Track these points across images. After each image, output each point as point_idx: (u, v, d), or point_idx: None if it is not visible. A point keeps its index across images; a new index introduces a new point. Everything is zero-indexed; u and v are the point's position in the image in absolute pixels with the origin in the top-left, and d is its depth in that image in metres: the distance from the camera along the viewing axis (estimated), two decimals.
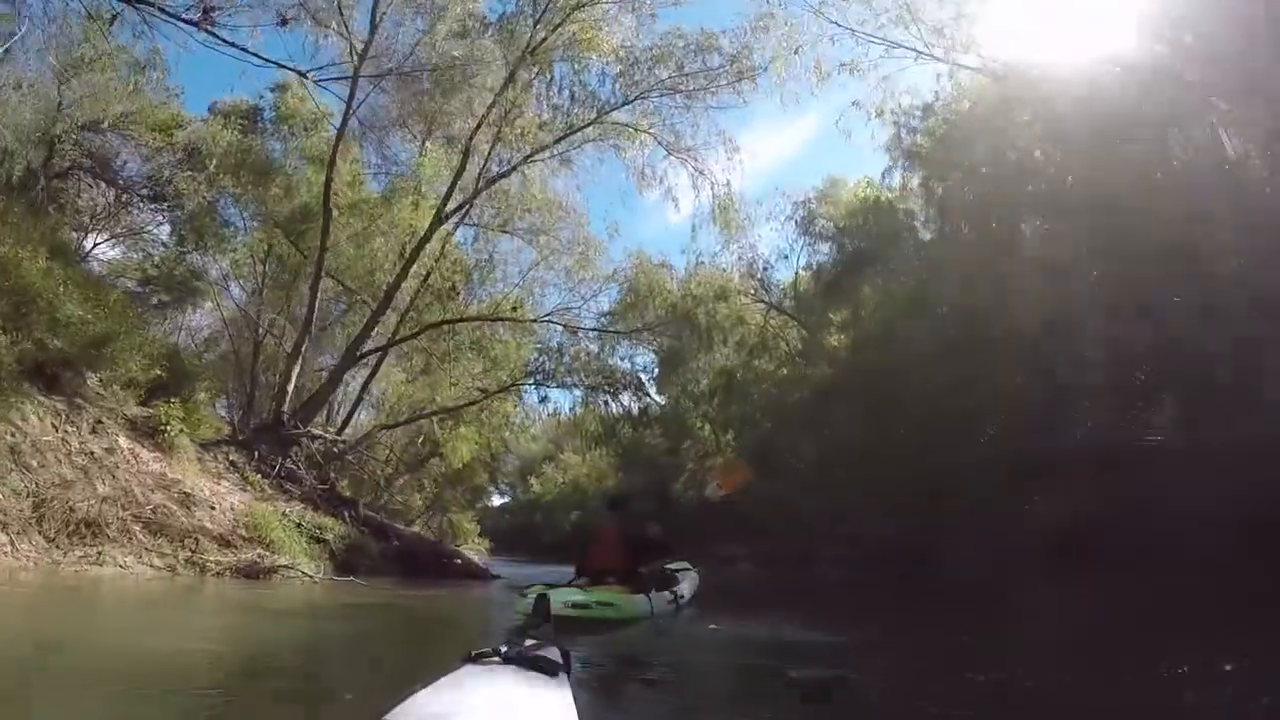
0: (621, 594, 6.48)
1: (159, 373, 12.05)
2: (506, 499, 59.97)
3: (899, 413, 14.90)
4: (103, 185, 18.01)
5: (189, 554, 9.25)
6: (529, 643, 2.15)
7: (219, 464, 12.79)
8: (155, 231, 19.75)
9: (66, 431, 9.51)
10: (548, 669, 1.95)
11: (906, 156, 17.95)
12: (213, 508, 10.37)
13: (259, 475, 12.90)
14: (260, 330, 18.03)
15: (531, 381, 18.02)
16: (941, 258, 16.50)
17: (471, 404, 18.17)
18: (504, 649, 1.99)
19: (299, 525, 11.34)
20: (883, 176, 19.36)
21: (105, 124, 15.54)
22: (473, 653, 1.98)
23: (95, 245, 19.28)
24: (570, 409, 19.68)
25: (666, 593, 7.23)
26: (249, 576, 9.24)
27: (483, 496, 30.13)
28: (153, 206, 19.03)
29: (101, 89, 14.60)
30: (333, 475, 15.29)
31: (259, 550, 10.03)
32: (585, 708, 1.87)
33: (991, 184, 14.77)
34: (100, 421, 10.11)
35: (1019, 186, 14.35)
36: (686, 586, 7.95)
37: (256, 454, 13.65)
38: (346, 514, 13.06)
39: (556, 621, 3.70)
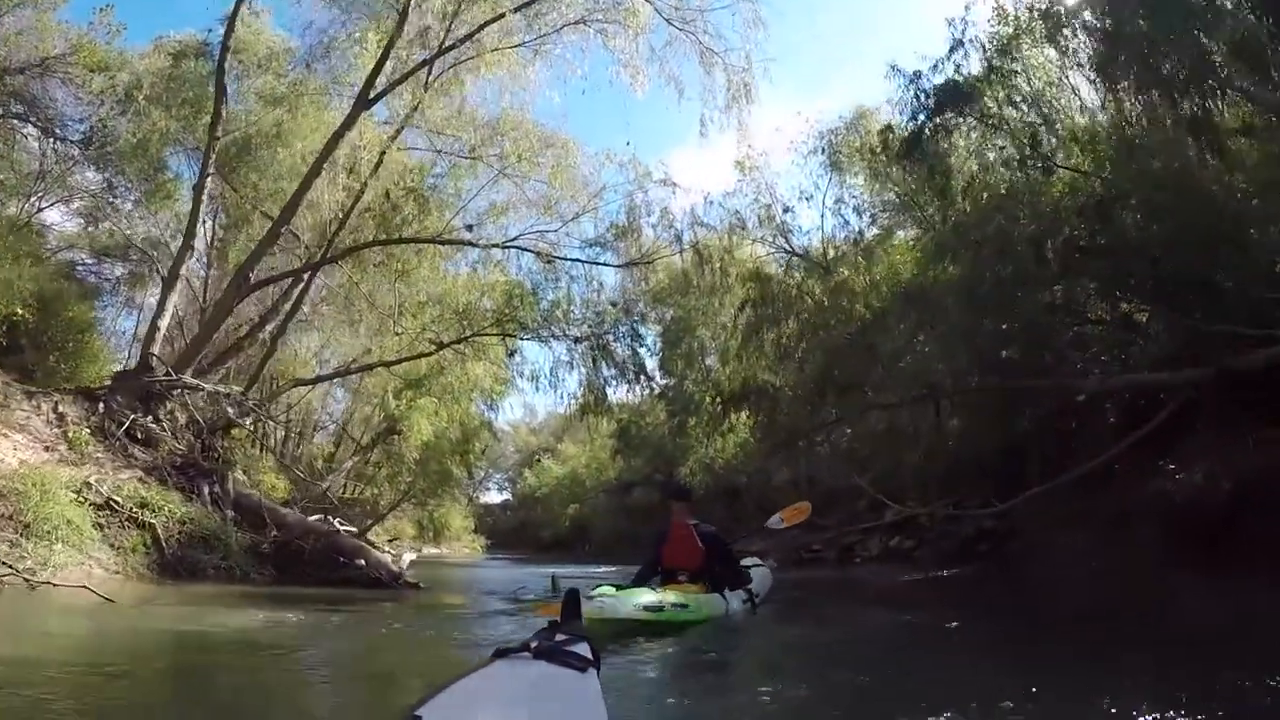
0: (696, 592, 5.76)
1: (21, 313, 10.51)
2: (506, 495, 57.13)
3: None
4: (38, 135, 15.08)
5: None
6: (559, 637, 2.05)
7: (41, 415, 9.13)
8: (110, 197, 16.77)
9: None
10: (577, 664, 1.89)
11: None
12: None
13: (93, 433, 9.20)
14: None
15: (497, 332, 14.12)
16: None
17: (420, 356, 14.35)
18: (533, 643, 1.95)
19: (109, 504, 7.58)
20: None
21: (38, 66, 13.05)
22: (501, 647, 1.93)
23: (40, 209, 16.78)
24: (550, 370, 15.82)
25: (740, 591, 6.40)
26: None
27: (457, 486, 26.23)
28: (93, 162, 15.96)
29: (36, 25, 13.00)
30: (221, 444, 11.54)
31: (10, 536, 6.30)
32: (615, 703, 1.87)
33: None
34: None
35: None
36: (759, 584, 7.05)
37: (107, 406, 9.98)
38: (208, 490, 9.32)
39: (627, 626, 4.78)
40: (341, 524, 10.27)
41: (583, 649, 1.99)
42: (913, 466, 12.46)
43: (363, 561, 8.43)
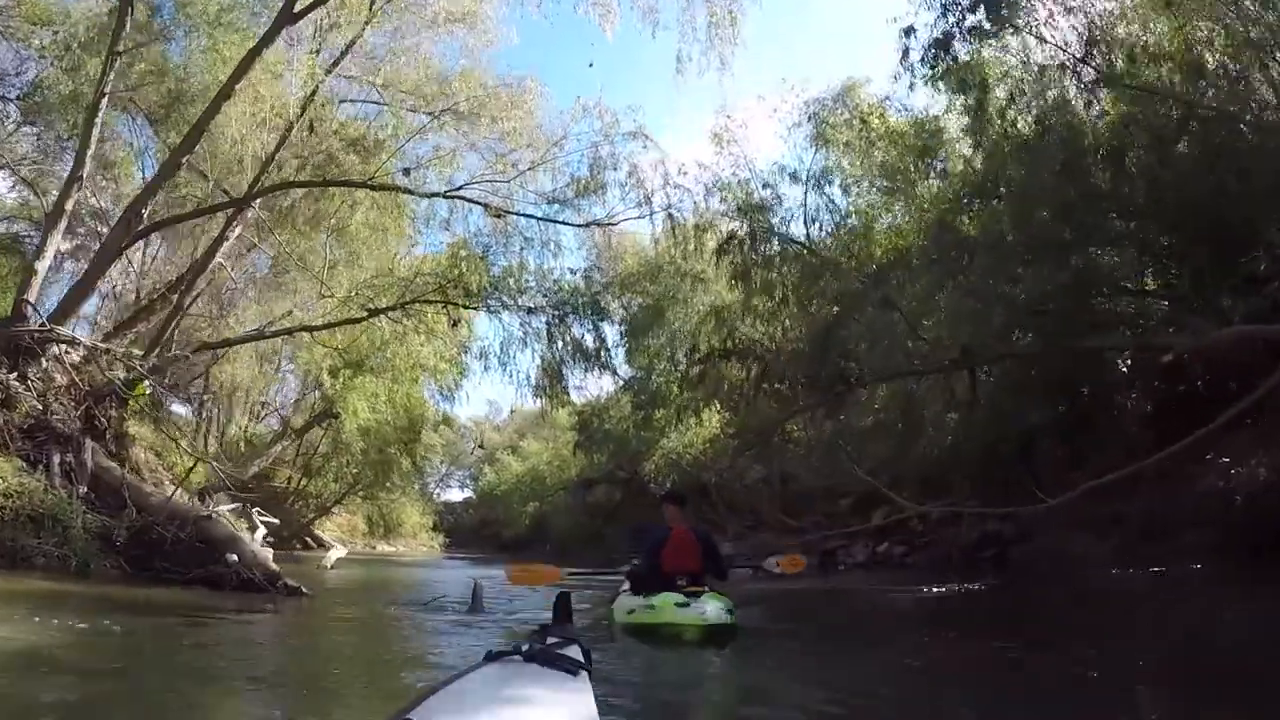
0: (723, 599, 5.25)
1: None
2: (468, 492, 55.33)
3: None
4: None
5: None
6: (550, 640, 2.04)
7: None
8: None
9: None
10: (569, 667, 1.85)
11: None
12: None
13: None
14: None
15: (440, 299, 12.37)
16: None
17: (349, 322, 12.54)
18: (525, 646, 1.89)
19: None
20: None
21: None
22: (493, 650, 1.86)
23: None
24: (501, 347, 14.12)
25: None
26: None
27: (406, 479, 24.45)
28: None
29: None
30: (111, 415, 9.75)
31: None
32: (608, 707, 1.99)
33: None
34: None
35: None
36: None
37: None
38: (58, 461, 7.53)
39: (661, 633, 4.91)
40: (224, 511, 8.50)
41: (574, 652, 1.97)
42: (916, 459, 10.92)
43: (234, 557, 6.70)
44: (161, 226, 11.00)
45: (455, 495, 55.13)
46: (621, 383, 25.05)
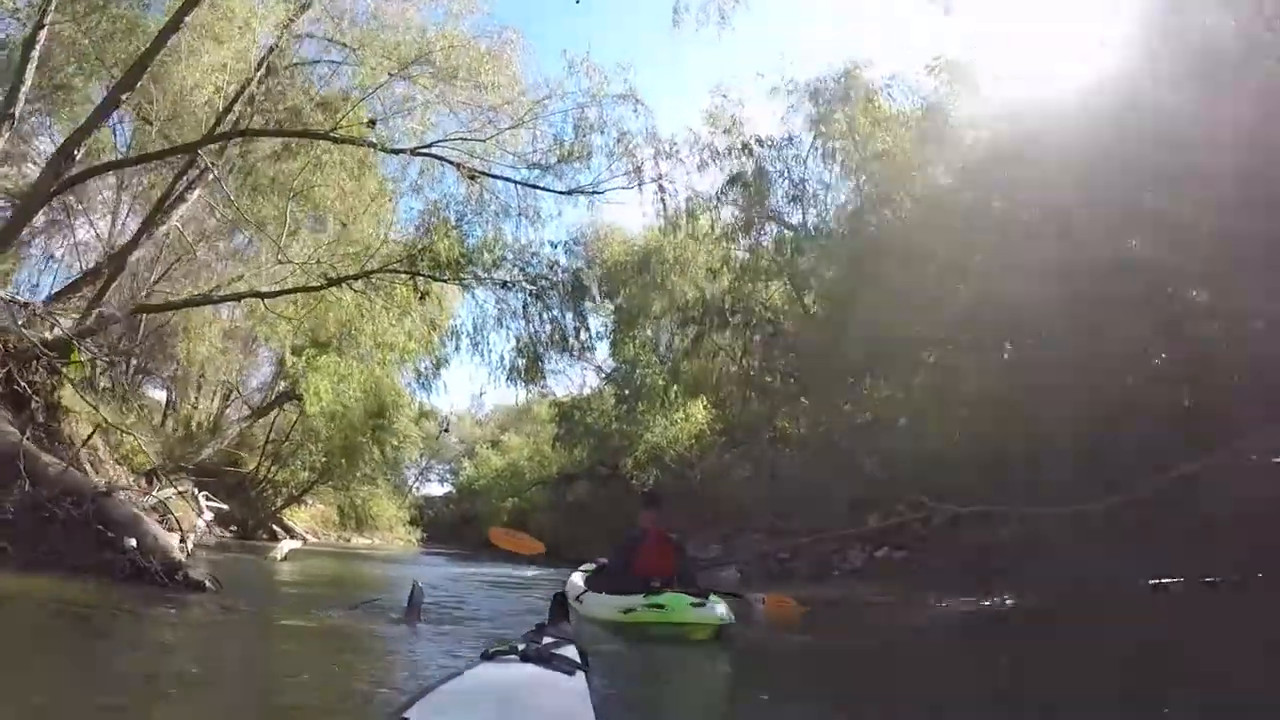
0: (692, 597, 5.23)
1: None
2: (449, 487, 54.23)
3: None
4: None
5: None
6: (547, 640, 2.05)
7: None
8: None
9: None
10: (565, 667, 1.90)
11: None
12: None
13: None
14: None
15: (407, 270, 11.31)
16: None
17: (305, 290, 11.44)
18: (521, 646, 1.94)
19: None
20: None
21: None
22: (489, 650, 1.92)
23: None
24: (475, 327, 13.10)
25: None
26: None
27: (378, 469, 23.26)
28: None
29: None
30: (45, 381, 8.78)
31: None
32: (603, 706, 1.81)
33: None
34: None
35: None
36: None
37: None
38: None
39: (652, 632, 4.92)
40: (131, 489, 7.44)
41: (570, 652, 1.99)
42: (927, 455, 9.98)
43: (133, 542, 5.64)
44: (96, 173, 9.94)
45: (436, 490, 54.08)
46: (604, 375, 24.20)
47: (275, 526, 21.98)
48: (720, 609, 5.14)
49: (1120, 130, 8.19)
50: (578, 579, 7.05)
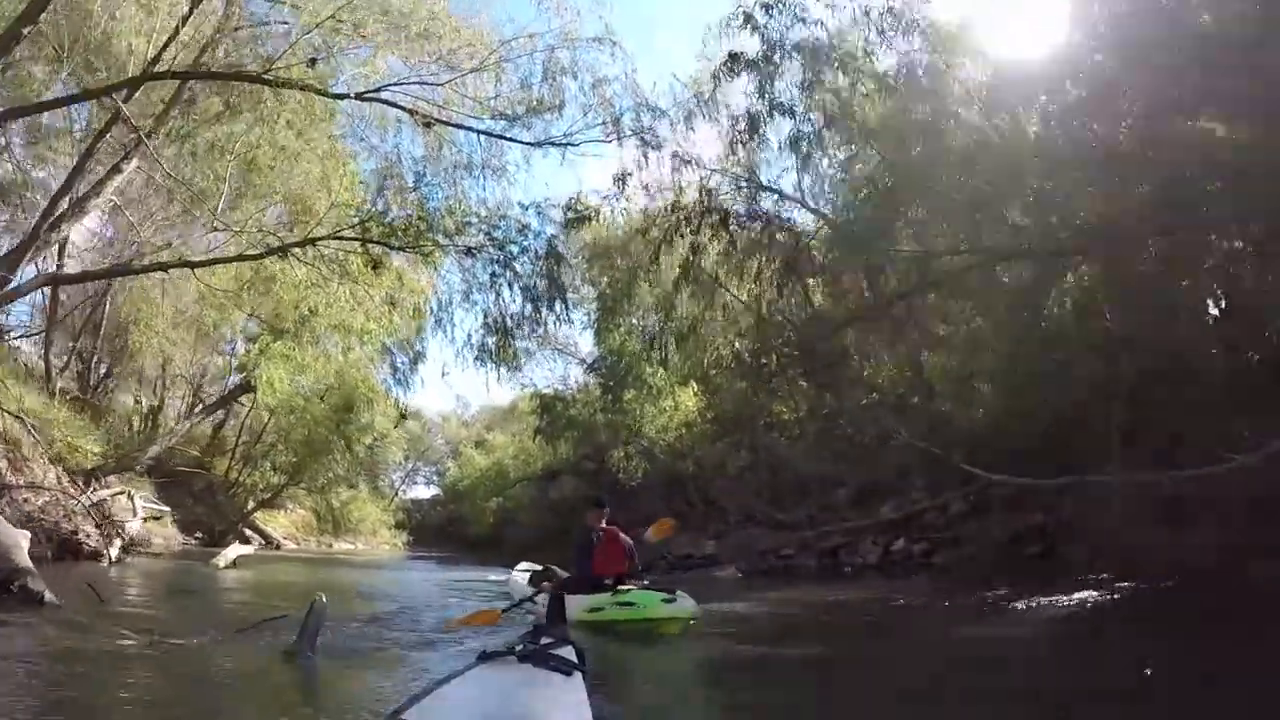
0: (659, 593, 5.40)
1: None
2: (436, 489, 53.02)
3: None
4: None
5: None
6: (544, 641, 2.04)
7: None
8: None
9: None
10: (563, 667, 1.88)
11: None
12: None
13: None
14: None
15: (358, 236, 10.02)
16: None
17: (240, 259, 10.09)
18: (519, 647, 1.93)
19: None
20: None
21: None
22: (487, 650, 1.90)
23: None
24: (440, 303, 11.84)
25: None
26: None
27: (353, 469, 21.90)
28: None
29: None
30: None
31: None
32: (600, 706, 1.82)
33: None
34: None
35: None
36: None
37: None
38: None
39: (618, 628, 4.96)
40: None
41: (568, 652, 1.97)
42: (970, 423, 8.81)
43: None
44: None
45: (423, 492, 52.86)
46: (587, 366, 22.97)
47: (247, 531, 20.65)
48: (690, 604, 5.24)
49: None
50: (520, 579, 7.02)
